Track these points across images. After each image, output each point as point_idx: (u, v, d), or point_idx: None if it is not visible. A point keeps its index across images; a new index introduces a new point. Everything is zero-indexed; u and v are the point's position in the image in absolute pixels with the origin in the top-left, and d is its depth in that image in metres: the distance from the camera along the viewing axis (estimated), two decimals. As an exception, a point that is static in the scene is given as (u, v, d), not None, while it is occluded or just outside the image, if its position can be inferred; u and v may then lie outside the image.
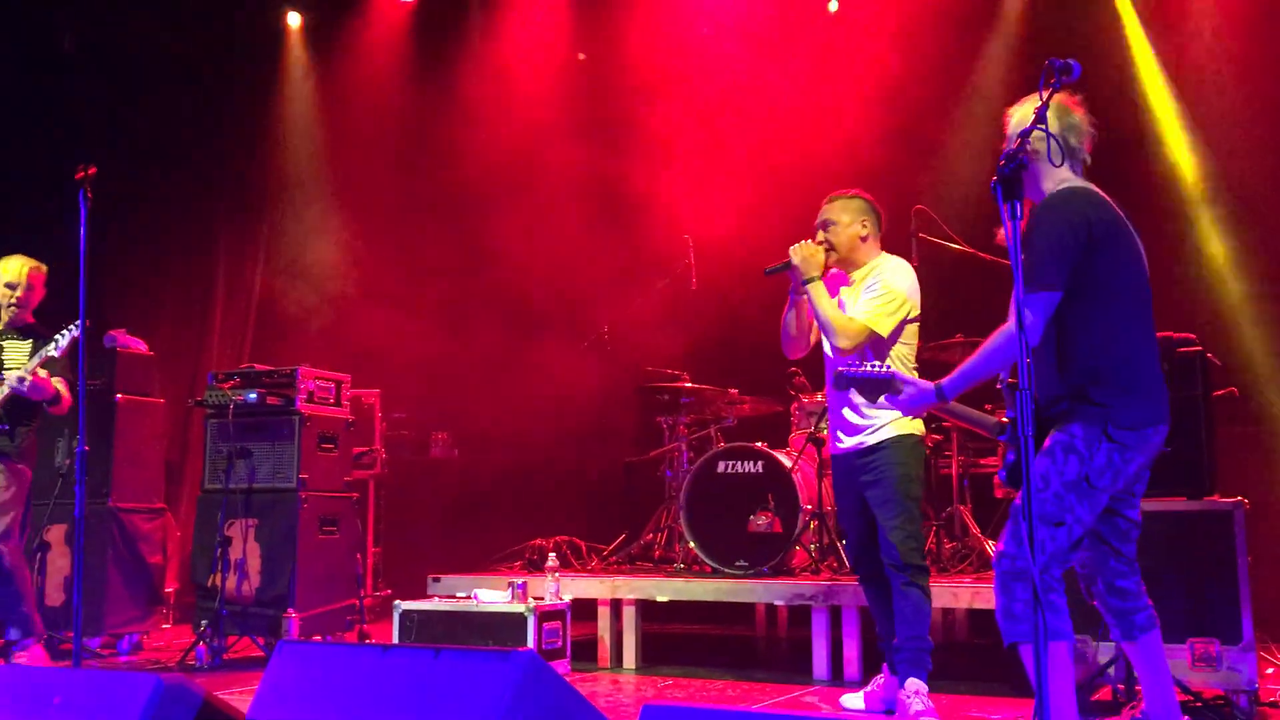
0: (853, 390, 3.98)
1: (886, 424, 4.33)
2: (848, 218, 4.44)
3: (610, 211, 8.52)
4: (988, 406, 5.98)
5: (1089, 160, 3.43)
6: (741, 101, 8.42)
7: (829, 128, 7.85)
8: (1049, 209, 3.29)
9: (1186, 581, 4.32)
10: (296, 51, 9.46)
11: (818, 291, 4.33)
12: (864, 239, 4.45)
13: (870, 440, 4.35)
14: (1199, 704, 4.21)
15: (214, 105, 9.03)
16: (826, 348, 4.46)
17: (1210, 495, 4.39)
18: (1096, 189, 3.36)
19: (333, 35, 9.28)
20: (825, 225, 4.46)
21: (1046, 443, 3.28)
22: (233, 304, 9.19)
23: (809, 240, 4.42)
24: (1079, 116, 3.44)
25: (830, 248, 4.42)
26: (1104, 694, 4.49)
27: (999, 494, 6.25)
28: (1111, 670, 4.26)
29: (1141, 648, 3.43)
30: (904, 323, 4.34)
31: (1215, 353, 4.61)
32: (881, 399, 3.41)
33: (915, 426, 4.39)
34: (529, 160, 8.82)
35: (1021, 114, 3.41)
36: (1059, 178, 3.38)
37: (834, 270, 4.49)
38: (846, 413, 4.42)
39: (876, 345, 4.28)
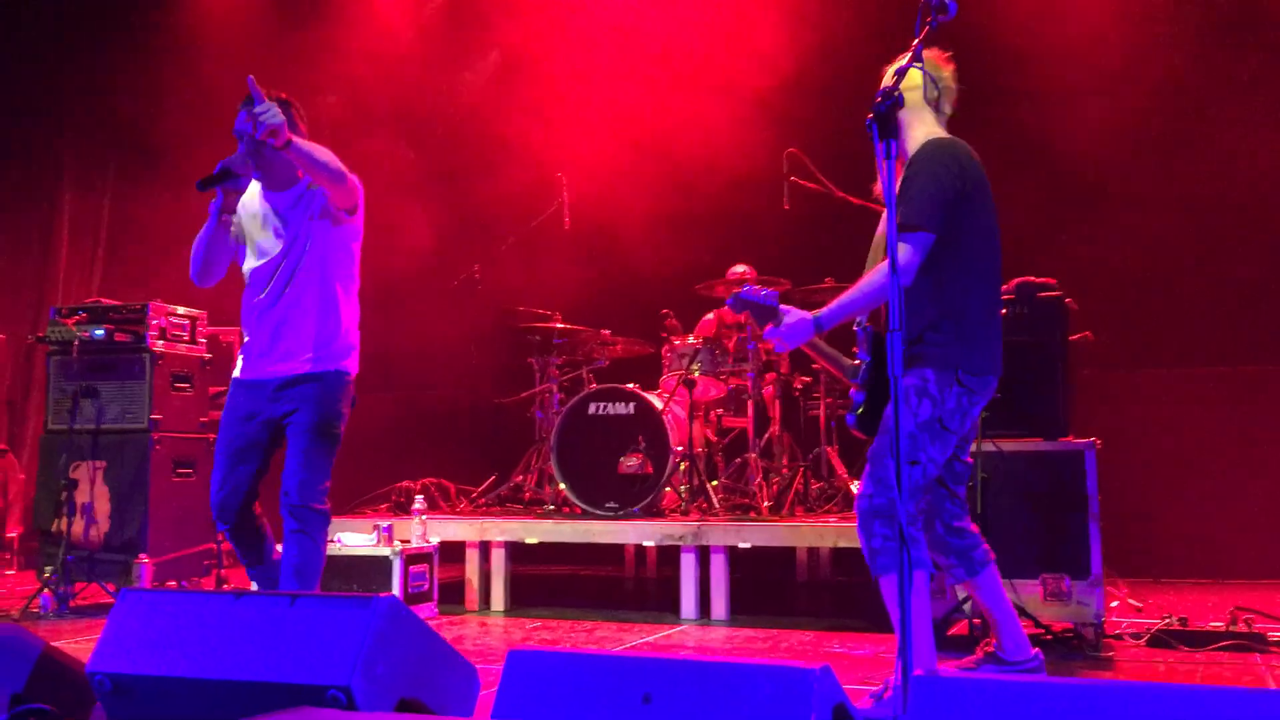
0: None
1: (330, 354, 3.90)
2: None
3: (483, 149, 8.33)
4: (855, 349, 6.09)
5: (953, 114, 3.48)
6: (617, 37, 8.29)
7: (705, 65, 7.80)
8: (931, 154, 3.33)
9: (1040, 519, 4.46)
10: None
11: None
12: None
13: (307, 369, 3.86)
14: (1049, 636, 4.38)
15: (60, 29, 8.48)
16: None
17: (1065, 436, 4.53)
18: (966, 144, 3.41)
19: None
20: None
21: (903, 389, 3.31)
22: (79, 234, 8.72)
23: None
24: (948, 73, 3.47)
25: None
26: (960, 629, 4.64)
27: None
28: (968, 606, 4.38)
29: (984, 582, 3.55)
30: None
31: (1073, 298, 4.72)
32: (768, 326, 3.41)
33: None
34: (395, 92, 8.55)
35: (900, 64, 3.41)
36: (928, 129, 3.41)
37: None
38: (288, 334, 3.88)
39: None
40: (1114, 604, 5.02)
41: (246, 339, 3.96)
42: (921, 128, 3.42)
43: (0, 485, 6.23)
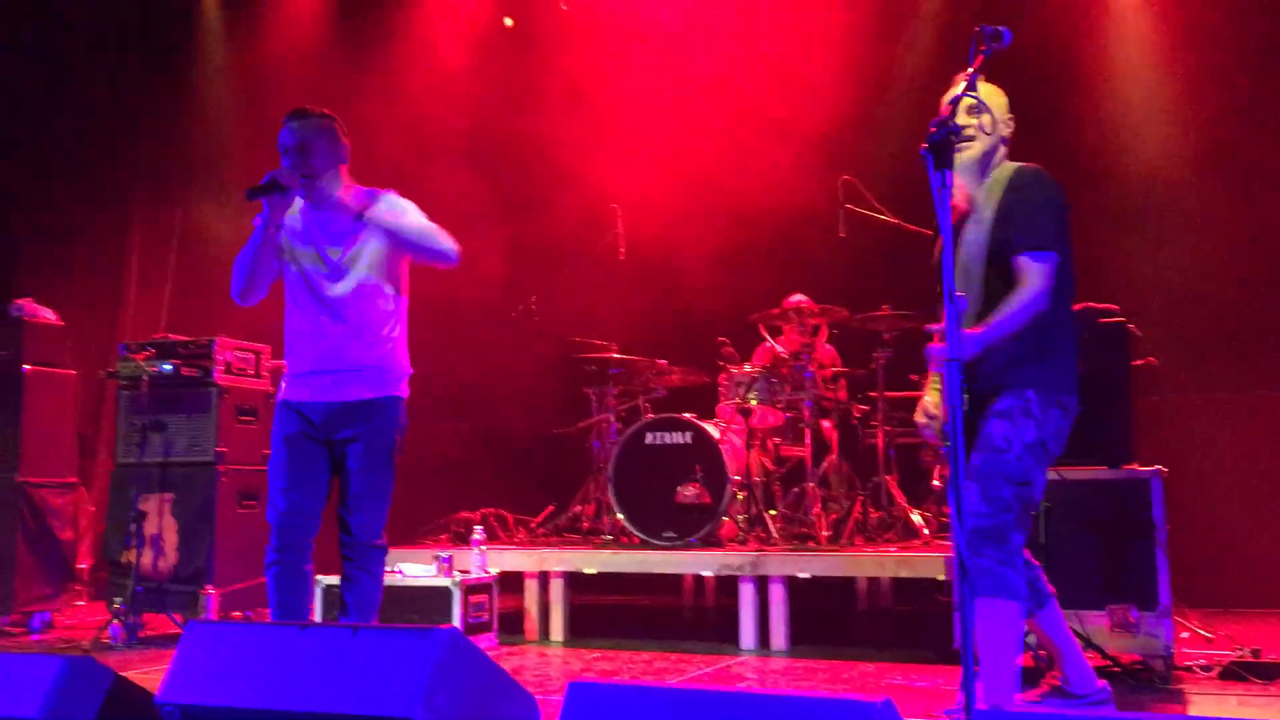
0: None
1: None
2: (326, 143, 3.81)
3: (537, 181, 8.41)
4: (913, 377, 6.05)
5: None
6: (671, 68, 8.35)
7: (759, 96, 7.83)
8: (1037, 177, 3.37)
9: (1106, 549, 4.39)
10: (213, 14, 9.17)
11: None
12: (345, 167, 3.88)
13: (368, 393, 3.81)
14: (1117, 669, 4.29)
15: (127, 71, 8.74)
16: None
17: (1129, 464, 4.46)
18: None
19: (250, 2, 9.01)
20: (304, 149, 3.78)
21: (999, 405, 3.29)
22: (148, 273, 8.93)
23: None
24: (1000, 103, 3.50)
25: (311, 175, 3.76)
26: (1024, 660, 4.56)
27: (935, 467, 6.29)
28: (1031, 638, 4.31)
29: (1049, 613, 3.51)
30: None
31: (1136, 323, 4.66)
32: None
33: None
34: (455, 129, 8.68)
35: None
36: (999, 157, 3.43)
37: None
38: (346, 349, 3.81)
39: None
40: (1184, 635, 4.90)
41: (292, 361, 3.89)
42: (998, 154, 3.44)
43: (71, 517, 6.37)
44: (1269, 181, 6.62)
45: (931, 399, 3.57)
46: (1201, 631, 4.98)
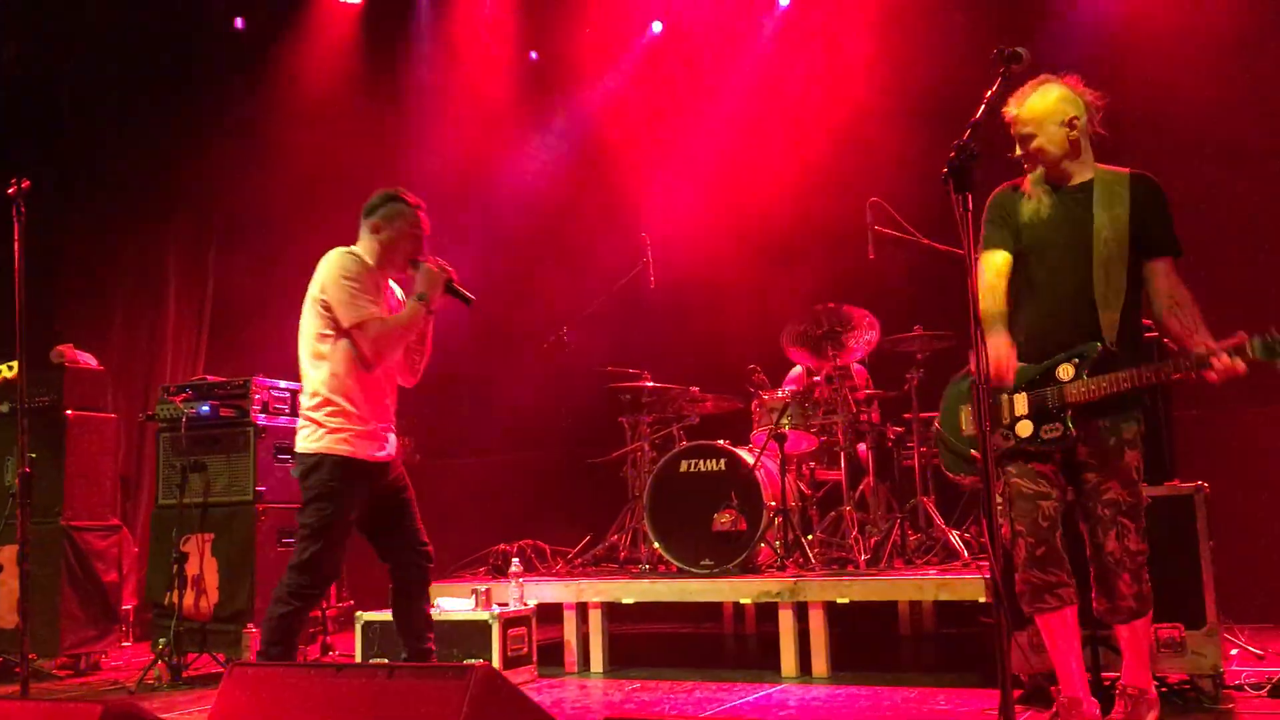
0: None
1: None
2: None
3: (566, 211, 8.47)
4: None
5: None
6: (696, 98, 8.39)
7: (785, 121, 7.85)
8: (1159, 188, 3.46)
9: (1149, 567, 4.32)
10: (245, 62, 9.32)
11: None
12: None
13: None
14: (1164, 689, 4.22)
15: (163, 118, 8.89)
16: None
17: (1170, 480, 4.39)
18: None
19: (278, 41, 9.14)
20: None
21: (1129, 431, 3.43)
22: (185, 316, 9.06)
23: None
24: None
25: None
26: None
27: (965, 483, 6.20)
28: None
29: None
30: None
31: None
32: None
33: None
34: (483, 160, 8.76)
35: (1035, 103, 3.47)
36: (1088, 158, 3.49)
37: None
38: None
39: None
40: (1233, 652, 4.82)
41: (366, 416, 4.06)
42: (1087, 153, 3.50)
43: (115, 559, 6.44)
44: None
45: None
46: (1251, 648, 4.90)
